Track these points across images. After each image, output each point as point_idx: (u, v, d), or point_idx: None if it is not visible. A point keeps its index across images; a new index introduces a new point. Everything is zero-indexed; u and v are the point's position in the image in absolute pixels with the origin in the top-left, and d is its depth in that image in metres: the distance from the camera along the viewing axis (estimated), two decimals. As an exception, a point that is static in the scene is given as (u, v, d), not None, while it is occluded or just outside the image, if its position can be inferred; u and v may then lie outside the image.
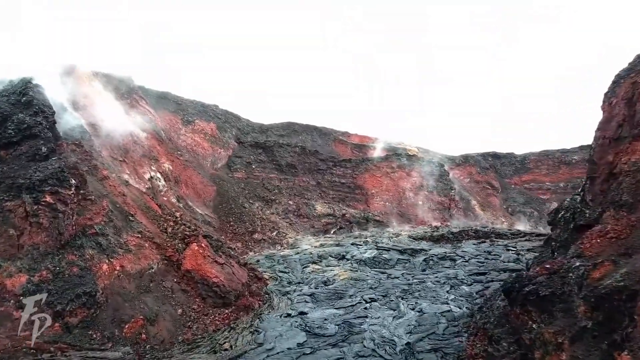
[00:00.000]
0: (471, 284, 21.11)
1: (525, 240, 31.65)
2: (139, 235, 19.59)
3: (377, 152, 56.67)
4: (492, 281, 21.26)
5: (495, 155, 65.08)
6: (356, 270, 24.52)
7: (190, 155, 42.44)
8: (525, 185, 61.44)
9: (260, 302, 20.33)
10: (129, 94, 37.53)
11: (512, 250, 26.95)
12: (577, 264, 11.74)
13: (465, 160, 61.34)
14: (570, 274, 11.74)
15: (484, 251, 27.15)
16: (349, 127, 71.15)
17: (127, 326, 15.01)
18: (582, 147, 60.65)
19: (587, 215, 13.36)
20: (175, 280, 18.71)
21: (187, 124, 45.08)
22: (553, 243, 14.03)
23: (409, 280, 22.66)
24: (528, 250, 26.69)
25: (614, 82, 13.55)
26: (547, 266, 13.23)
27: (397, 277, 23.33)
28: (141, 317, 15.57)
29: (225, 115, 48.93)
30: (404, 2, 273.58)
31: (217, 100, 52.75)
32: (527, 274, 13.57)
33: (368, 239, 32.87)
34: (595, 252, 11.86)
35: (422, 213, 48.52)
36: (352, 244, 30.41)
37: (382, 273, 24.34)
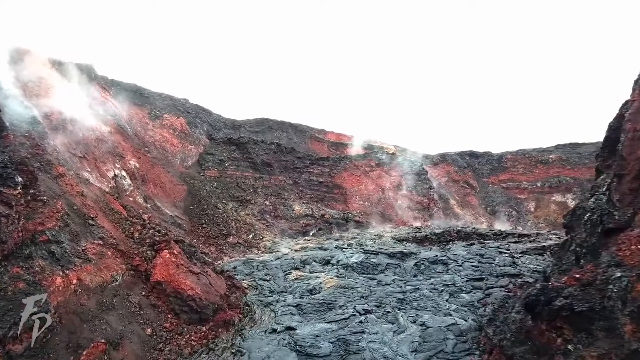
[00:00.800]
0: (470, 291, 19.52)
1: (515, 241, 30.42)
2: (101, 242, 17.00)
3: (354, 151, 55.02)
4: (492, 287, 19.76)
5: (473, 154, 64.56)
6: (344, 277, 22.59)
7: (159, 152, 39.62)
8: (502, 184, 61.07)
9: (240, 315, 18.12)
10: (91, 84, 34.45)
11: (505, 253, 25.61)
12: (618, 274, 10.10)
13: (442, 159, 60.47)
14: (611, 286, 10.11)
15: (476, 254, 25.71)
16: (324, 124, 69.20)
17: (85, 352, 12.53)
18: (557, 146, 60.82)
19: (617, 217, 11.79)
20: (143, 293, 16.24)
21: (155, 119, 42.15)
22: (578, 249, 12.43)
23: (402, 287, 20.90)
24: (522, 253, 25.42)
25: None
26: (577, 276, 11.60)
27: (389, 284, 21.55)
28: (103, 340, 13.11)
29: (196, 110, 46.16)
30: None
31: (187, 95, 49.82)
32: (552, 284, 11.92)
33: (352, 242, 31.00)
34: (638, 261, 10.30)
35: (402, 213, 47.10)
36: (336, 247, 28.46)
37: (372, 279, 22.51)
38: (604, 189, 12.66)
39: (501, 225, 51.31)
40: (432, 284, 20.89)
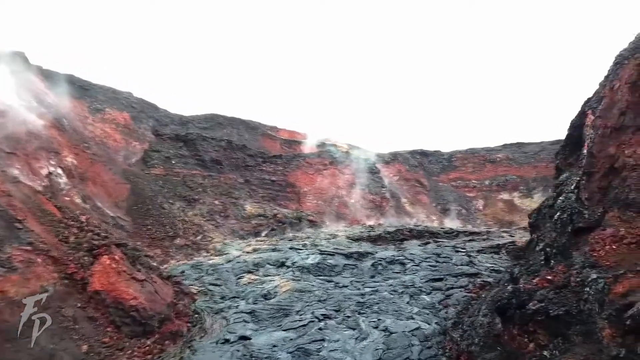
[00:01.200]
0: (430, 292, 19.08)
1: (470, 240, 30.56)
2: (29, 248, 14.99)
3: (307, 149, 54.16)
4: (452, 288, 19.43)
5: (423, 153, 65.44)
6: (299, 280, 21.59)
7: (100, 148, 36.90)
8: (452, 183, 62.23)
9: (189, 324, 16.69)
10: (23, 73, 31.48)
11: (461, 252, 25.54)
12: (594, 276, 9.73)
13: (394, 158, 60.78)
14: (587, 289, 9.72)
15: (433, 253, 25.47)
16: (277, 122, 67.89)
17: (6, 378, 10.81)
18: (505, 146, 62.76)
19: (586, 216, 11.50)
20: (79, 305, 14.44)
21: (95, 113, 39.36)
22: (547, 249, 12.08)
23: (360, 289, 20.17)
24: (478, 252, 25.41)
25: (616, 63, 11.81)
26: (549, 277, 11.22)
27: (347, 286, 20.77)
28: (28, 362, 11.39)
29: (141, 104, 43.61)
30: None
31: (134, 89, 47.11)
32: (524, 287, 11.49)
33: (307, 242, 30.01)
34: (614, 262, 9.97)
35: (356, 211, 46.73)
36: (291, 249, 27.37)
37: (329, 282, 21.66)
38: (571, 187, 12.39)
39: (452, 223, 52.12)
40: (391, 285, 20.30)
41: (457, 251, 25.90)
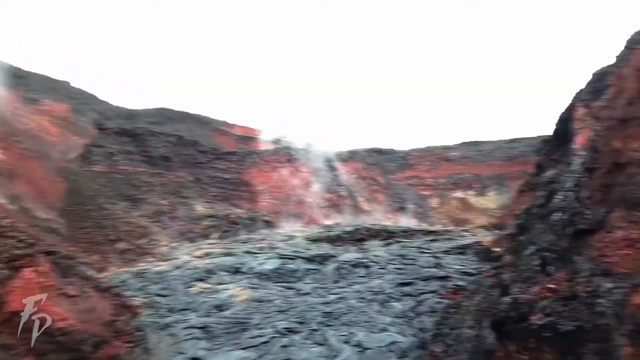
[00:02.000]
0: (401, 299, 17.75)
1: (432, 239, 29.65)
2: None
3: (263, 145, 51.96)
4: (423, 293, 18.20)
5: (380, 151, 64.81)
6: (257, 288, 19.68)
7: (33, 143, 33.26)
8: (408, 181, 61.90)
9: (129, 345, 14.43)
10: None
11: (427, 252, 24.46)
12: (609, 285, 8.47)
13: (351, 156, 59.62)
14: (601, 300, 8.45)
15: (398, 255, 24.26)
16: (230, 118, 65.06)
17: None
18: (462, 144, 63.13)
19: (589, 217, 10.28)
20: (-10, 330, 11.93)
21: (30, 103, 35.50)
22: (544, 253, 10.85)
23: (324, 297, 18.55)
24: (445, 252, 24.40)
25: (626, 48, 10.66)
26: (551, 286, 9.91)
27: (309, 293, 19.11)
28: None
29: (82, 95, 39.97)
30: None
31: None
32: (523, 297, 10.21)
33: (263, 244, 28.04)
34: (629, 269, 8.79)
35: (313, 211, 45.11)
36: (246, 252, 25.30)
37: (290, 289, 19.90)
38: (568, 185, 11.23)
39: (408, 222, 51.63)
40: (358, 291, 18.80)
41: (423, 252, 24.81)
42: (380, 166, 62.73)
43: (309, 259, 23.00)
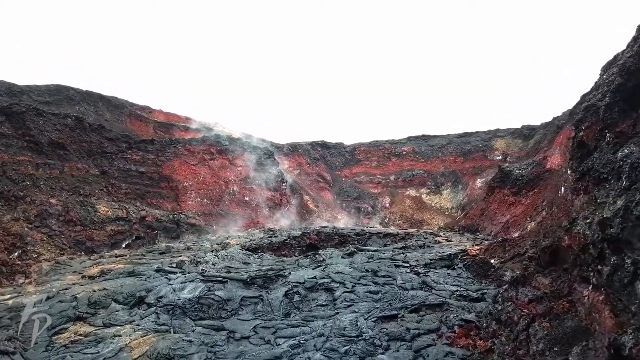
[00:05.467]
0: (389, 347, 11.54)
1: (403, 247, 23.88)
2: None
3: (190, 134, 44.01)
4: (420, 335, 12.19)
5: (325, 145, 58.74)
6: (166, 331, 12.74)
7: None
8: (356, 177, 56.44)
9: None
10: None
11: (404, 266, 18.54)
12: None
13: (293, 150, 53.16)
14: None
15: (367, 270, 18.18)
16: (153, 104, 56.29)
17: None
18: (410, 138, 58.63)
19: None
20: None
21: None
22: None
23: (272, 345, 11.96)
24: (426, 265, 18.59)
25: None
26: None
27: (248, 338, 12.49)
28: None
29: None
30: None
31: None
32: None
33: (184, 258, 20.80)
34: None
35: (251, 212, 38.10)
36: (158, 271, 17.98)
37: (218, 330, 13.13)
38: None
39: (358, 222, 46.08)
40: (321, 334, 12.33)
41: (399, 266, 18.86)
42: (326, 161, 56.76)
43: (247, 282, 16.19)
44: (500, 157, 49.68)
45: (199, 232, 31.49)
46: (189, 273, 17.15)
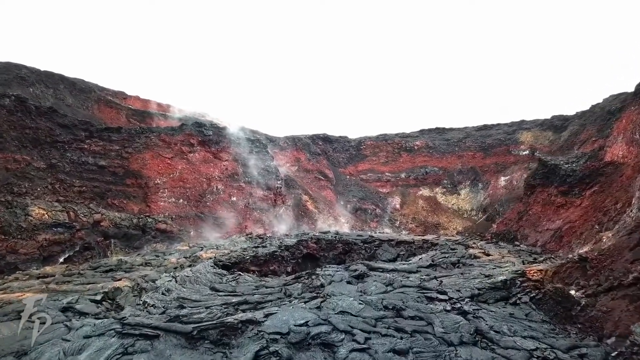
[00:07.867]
0: None
1: (429, 266, 17.73)
2: None
3: (168, 123, 37.93)
4: None
5: (327, 139, 52.58)
6: None
7: None
8: (361, 175, 50.28)
9: None
10: None
11: (440, 299, 12.39)
12: None
13: (291, 143, 46.95)
14: None
15: (384, 307, 12.08)
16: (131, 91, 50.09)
17: None
18: (422, 132, 52.35)
19: None
20: None
21: None
22: None
23: None
24: (473, 298, 12.47)
25: None
26: None
27: None
28: None
29: None
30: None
31: None
32: None
33: (125, 283, 14.58)
34: None
35: (238, 214, 31.96)
36: (65, 310, 11.75)
37: None
38: None
39: (364, 226, 39.90)
40: None
41: (432, 298, 12.68)
42: (328, 157, 50.54)
43: (193, 337, 9.94)
44: (527, 152, 43.55)
45: (169, 240, 25.46)
46: (103, 318, 10.96)
